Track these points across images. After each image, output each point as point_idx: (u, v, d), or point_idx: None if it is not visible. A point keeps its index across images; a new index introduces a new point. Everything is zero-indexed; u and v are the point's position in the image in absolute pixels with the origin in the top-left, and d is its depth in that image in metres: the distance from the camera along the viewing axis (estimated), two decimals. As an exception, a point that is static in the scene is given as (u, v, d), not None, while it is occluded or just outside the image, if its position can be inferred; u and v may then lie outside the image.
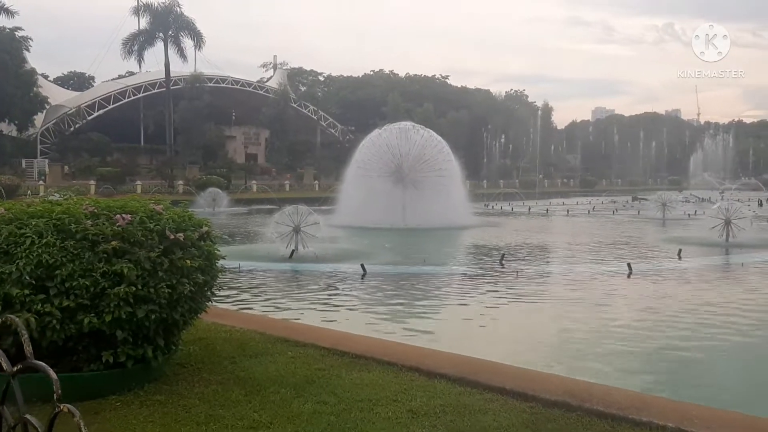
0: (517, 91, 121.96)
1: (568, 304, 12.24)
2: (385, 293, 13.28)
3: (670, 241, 22.73)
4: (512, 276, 15.17)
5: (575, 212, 42.11)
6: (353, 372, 6.11)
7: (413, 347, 7.43)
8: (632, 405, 5.23)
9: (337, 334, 7.91)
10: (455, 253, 21.52)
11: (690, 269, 16.69)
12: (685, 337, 9.76)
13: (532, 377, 6.05)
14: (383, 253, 19.71)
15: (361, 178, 30.79)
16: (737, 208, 22.56)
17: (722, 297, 13.01)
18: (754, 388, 7.62)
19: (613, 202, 52.77)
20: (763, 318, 11.14)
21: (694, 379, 7.87)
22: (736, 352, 9.12)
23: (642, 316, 11.07)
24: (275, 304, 11.92)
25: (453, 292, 13.54)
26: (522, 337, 9.87)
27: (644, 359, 8.64)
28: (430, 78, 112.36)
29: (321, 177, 68.69)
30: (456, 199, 32.03)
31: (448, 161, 31.55)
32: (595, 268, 16.66)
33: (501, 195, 56.47)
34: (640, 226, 31.20)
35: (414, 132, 31.85)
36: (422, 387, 5.73)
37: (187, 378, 5.83)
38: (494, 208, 46.33)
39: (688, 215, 35.56)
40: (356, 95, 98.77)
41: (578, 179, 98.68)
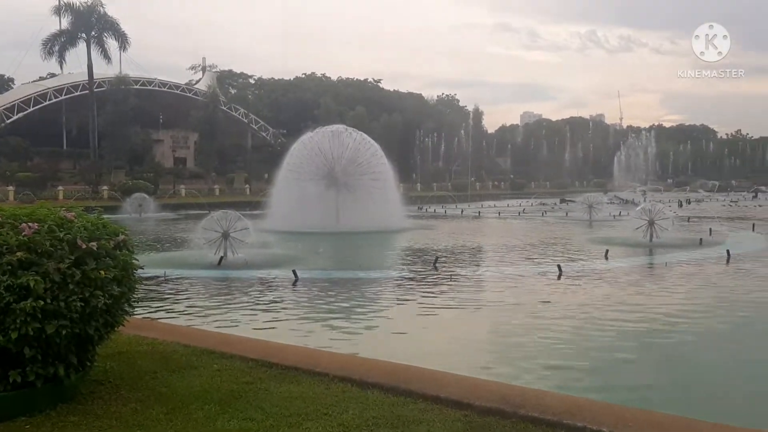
0: (448, 95, 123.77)
1: (501, 307, 12.28)
2: (317, 300, 13.01)
3: (597, 241, 23.31)
4: (446, 279, 15.15)
5: (506, 214, 42.81)
6: (282, 385, 5.88)
7: (345, 356, 7.24)
8: (566, 410, 5.18)
9: (266, 345, 7.63)
10: (389, 257, 21.42)
11: (617, 269, 17.09)
12: (616, 337, 9.91)
13: (467, 384, 5.93)
14: (316, 259, 19.44)
15: (292, 182, 30.41)
16: (660, 209, 23.30)
17: (648, 296, 13.32)
18: (684, 389, 7.76)
19: (542, 205, 53.95)
20: (689, 316, 11.43)
21: (627, 380, 7.95)
22: (666, 351, 9.28)
23: (573, 317, 11.19)
24: (202, 314, 11.48)
25: (387, 297, 13.40)
26: (456, 343, 9.79)
27: (578, 361, 8.69)
28: (363, 81, 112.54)
29: (252, 181, 67.69)
30: (390, 202, 32.04)
31: (382, 164, 31.51)
32: (527, 270, 16.85)
33: (434, 198, 56.92)
34: (569, 228, 31.92)
35: (346, 135, 31.67)
36: (355, 398, 5.54)
37: (103, 396, 5.47)
38: (427, 211, 46.68)
39: (614, 216, 36.69)
40: (288, 98, 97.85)
41: (509, 182, 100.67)
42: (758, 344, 9.84)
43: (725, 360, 8.95)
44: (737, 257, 18.78)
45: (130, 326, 6.28)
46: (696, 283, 15.09)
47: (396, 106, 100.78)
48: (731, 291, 13.97)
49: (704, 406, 6.86)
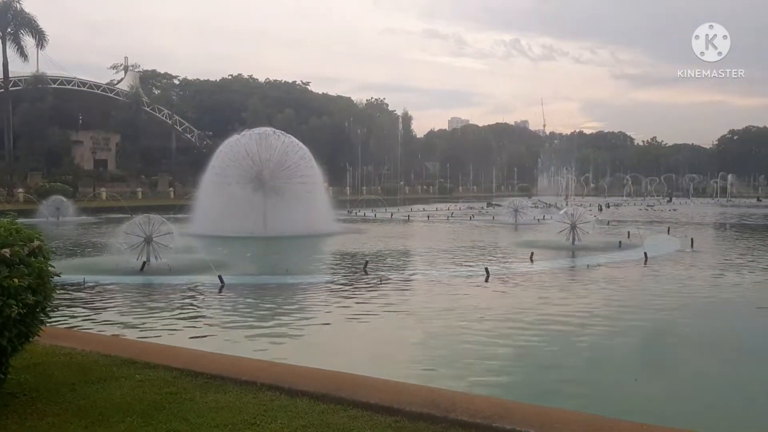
0: (377, 99, 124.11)
1: (430, 311, 12.35)
2: (244, 306, 12.77)
3: (523, 245, 23.84)
4: (376, 283, 15.14)
5: (435, 218, 43.30)
6: (208, 394, 5.72)
7: (273, 363, 7.10)
8: (496, 413, 5.23)
9: (191, 354, 7.41)
10: (319, 262, 21.28)
11: (541, 272, 17.52)
12: (542, 338, 10.12)
13: (396, 389, 5.91)
14: (243, 263, 19.10)
15: (219, 185, 29.79)
16: (581, 213, 24.04)
17: (571, 298, 13.69)
18: (607, 388, 7.99)
19: (470, 208, 54.89)
20: (610, 316, 11.81)
21: (553, 382, 8.12)
22: (589, 351, 9.55)
23: (500, 320, 11.37)
24: (123, 322, 11.07)
25: (316, 302, 13.26)
26: (386, 348, 9.78)
27: (506, 363, 8.82)
28: (291, 84, 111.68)
29: (176, 184, 66.07)
30: (319, 206, 31.89)
31: (311, 168, 31.29)
32: (455, 273, 17.04)
33: (363, 201, 57.00)
34: (495, 231, 32.56)
35: (275, 138, 31.27)
36: (283, 407, 5.44)
37: (18, 410, 5.19)
38: (357, 215, 46.68)
39: (538, 220, 37.69)
40: (214, 100, 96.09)
41: (437, 186, 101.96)
42: (674, 343, 10.24)
43: (644, 359, 9.28)
44: (654, 259, 19.57)
45: (46, 336, 5.99)
46: (615, 284, 15.59)
47: (325, 109, 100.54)
48: (649, 291, 14.49)
49: (626, 405, 7.08)
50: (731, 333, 11.04)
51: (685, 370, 8.69)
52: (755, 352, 9.63)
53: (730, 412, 7.10)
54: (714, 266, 18.88)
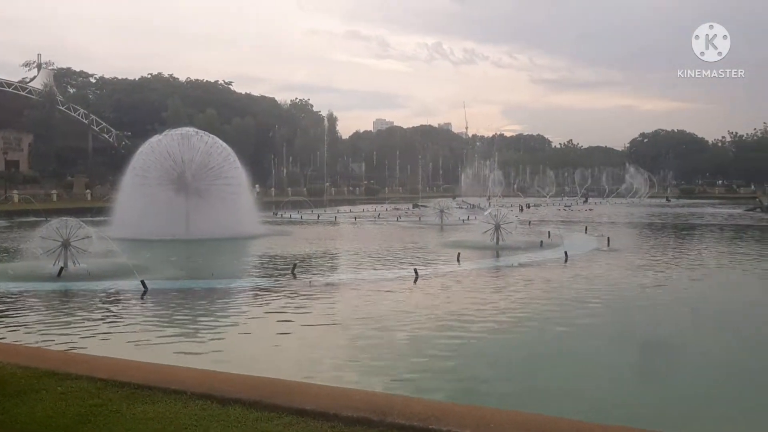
0: (302, 100, 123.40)
1: (360, 313, 12.32)
2: (169, 312, 12.39)
3: (449, 245, 24.17)
4: (305, 286, 15.01)
5: (363, 219, 43.35)
6: (135, 405, 5.53)
7: (203, 371, 6.92)
8: (432, 415, 5.26)
9: (116, 363, 7.14)
10: (245, 265, 20.92)
11: (469, 272, 17.81)
12: (474, 337, 10.27)
13: (332, 394, 5.87)
14: (166, 267, 18.57)
15: (139, 187, 28.83)
16: (504, 213, 24.58)
17: (498, 296, 13.96)
18: (537, 385, 8.19)
19: (396, 210, 55.23)
20: (536, 315, 12.12)
21: (484, 380, 8.25)
22: (522, 348, 9.76)
23: (430, 320, 11.48)
24: (42, 332, 10.54)
25: (244, 306, 13.03)
26: (318, 352, 9.68)
27: (439, 363, 8.90)
28: (213, 83, 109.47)
29: (94, 186, 63.63)
30: (244, 207, 31.32)
31: (235, 169, 30.72)
32: (385, 274, 17.10)
33: (289, 203, 56.46)
34: (422, 232, 32.90)
35: (197, 138, 30.53)
36: (216, 416, 5.31)
37: (-74, 431, 4.85)
38: (283, 217, 46.19)
39: (463, 221, 38.30)
40: (133, 99, 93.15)
41: (363, 187, 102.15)
42: (594, 338, 10.59)
43: (570, 355, 9.56)
44: (573, 257, 20.22)
45: (-44, 349, 5.65)
46: (539, 282, 15.99)
47: (248, 109, 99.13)
48: (571, 288, 14.93)
49: (558, 402, 7.28)
50: (648, 327, 11.54)
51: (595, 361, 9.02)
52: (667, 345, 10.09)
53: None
54: (628, 264, 19.67)
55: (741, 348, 10.14)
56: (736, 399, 7.69)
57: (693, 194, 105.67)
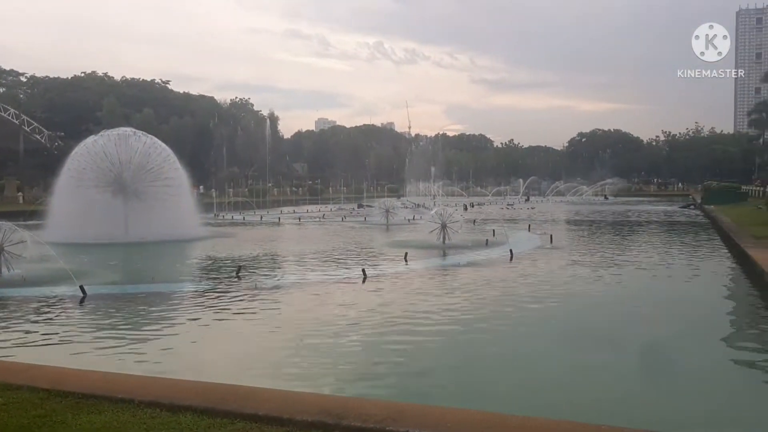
0: (242, 99, 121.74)
1: (310, 314, 12.16)
2: (109, 318, 11.94)
3: (396, 245, 24.21)
4: (251, 289, 14.74)
5: (307, 220, 43.02)
6: (81, 415, 5.31)
7: (150, 378, 6.68)
8: (388, 416, 5.20)
9: (59, 372, 6.83)
10: (188, 268, 20.41)
11: (416, 271, 17.82)
12: (424, 337, 10.24)
13: (286, 399, 5.74)
14: (105, 272, 17.97)
15: (75, 189, 27.86)
16: (450, 213, 24.75)
17: (446, 295, 14.01)
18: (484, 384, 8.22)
19: (341, 210, 55.07)
20: (491, 311, 12.20)
21: (434, 379, 8.24)
22: (469, 347, 9.78)
23: (380, 321, 11.41)
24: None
25: (188, 311, 12.66)
26: (268, 355, 9.50)
27: (391, 364, 8.83)
28: (150, 82, 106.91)
29: (26, 188, 61.30)
30: (184, 209, 30.64)
31: (175, 169, 30.03)
32: (332, 275, 16.94)
33: (231, 204, 55.60)
34: (368, 232, 32.82)
35: (135, 139, 29.70)
36: (165, 424, 5.15)
37: None
38: (225, 218, 45.45)
39: (408, 220, 38.46)
40: (66, 98, 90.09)
41: (306, 187, 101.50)
42: (538, 335, 10.72)
43: (516, 353, 9.65)
44: (519, 255, 20.50)
45: None
46: (487, 280, 16.12)
47: (187, 108, 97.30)
48: (517, 286, 15.11)
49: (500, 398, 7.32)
50: (592, 322, 11.77)
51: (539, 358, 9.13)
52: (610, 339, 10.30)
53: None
54: (571, 260, 20.06)
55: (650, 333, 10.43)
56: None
57: (629, 192, 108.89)
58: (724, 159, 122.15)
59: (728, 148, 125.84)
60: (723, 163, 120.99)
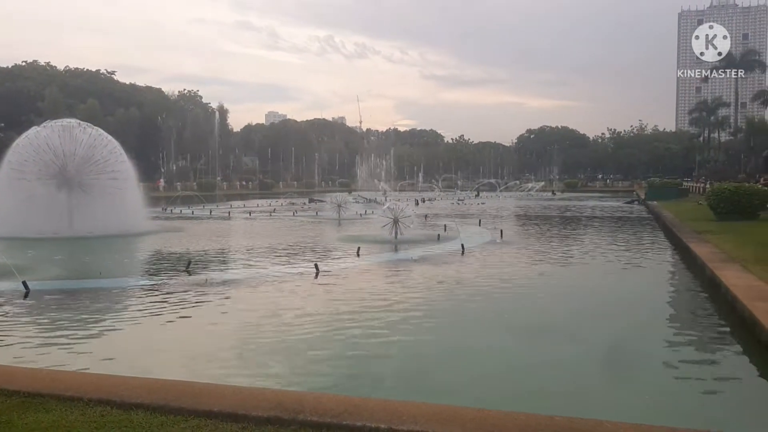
0: (190, 91, 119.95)
1: (262, 309, 12.04)
2: (54, 314, 11.60)
3: (348, 240, 24.20)
4: (200, 284, 14.51)
5: (258, 215, 42.59)
6: (27, 415, 5.16)
7: (98, 375, 6.53)
8: (345, 410, 5.20)
9: (1, 370, 6.59)
10: (135, 263, 19.99)
11: (369, 265, 17.86)
12: (377, 333, 10.27)
13: (240, 395, 5.67)
14: (49, 267, 17.46)
15: (15, 182, 26.97)
16: (402, 207, 24.86)
17: (399, 289, 14.08)
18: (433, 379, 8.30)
19: (292, 204, 54.72)
20: (442, 304, 12.30)
21: (384, 374, 8.27)
22: (419, 344, 9.86)
23: (333, 316, 11.39)
24: None
25: (135, 307, 12.38)
26: (217, 350, 9.37)
27: (344, 359, 8.83)
28: (95, 73, 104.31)
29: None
30: (131, 203, 30.00)
31: (122, 162, 29.35)
32: (284, 270, 16.81)
33: (179, 198, 54.67)
34: (320, 227, 32.71)
35: (80, 130, 28.90)
36: (117, 422, 5.04)
37: None
38: (173, 212, 44.69)
39: (360, 215, 38.48)
40: (5, 88, 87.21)
41: (257, 182, 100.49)
42: (489, 329, 10.89)
43: (474, 348, 9.77)
44: (470, 249, 20.73)
45: None
46: (439, 274, 16.27)
47: (133, 100, 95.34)
48: (468, 280, 15.29)
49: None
50: (544, 315, 12.00)
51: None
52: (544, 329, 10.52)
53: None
54: (521, 255, 20.41)
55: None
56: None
57: (576, 188, 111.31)
58: (666, 156, 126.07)
59: (670, 146, 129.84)
60: (665, 159, 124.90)
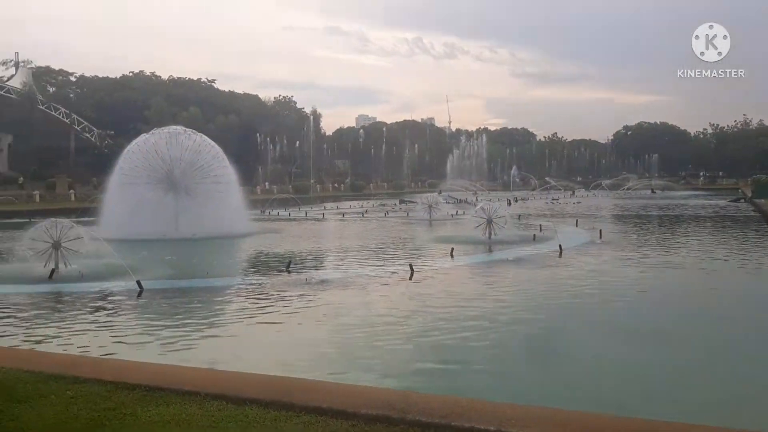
0: (285, 96, 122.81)
1: (361, 309, 12.22)
2: (167, 312, 12.22)
3: (441, 240, 24.14)
4: (301, 283, 14.88)
5: (350, 216, 43.19)
6: (150, 408, 5.40)
7: (213, 371, 6.82)
8: (453, 412, 5.20)
9: (121, 365, 7.03)
10: (238, 263, 20.74)
11: (464, 267, 17.76)
12: (478, 334, 10.20)
13: (349, 392, 5.79)
14: (159, 267, 18.35)
15: (127, 186, 28.51)
16: (496, 208, 24.58)
17: (497, 291, 13.93)
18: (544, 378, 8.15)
19: (383, 205, 55.11)
20: (542, 306, 12.10)
21: (493, 375, 8.20)
22: (530, 343, 9.72)
23: (432, 317, 11.40)
24: (39, 335, 10.35)
25: (242, 304, 12.86)
26: (322, 349, 9.56)
27: (446, 360, 8.82)
28: (196, 81, 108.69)
29: (77, 186, 62.94)
30: (233, 206, 31.06)
31: (224, 167, 30.47)
32: (380, 270, 16.98)
33: (276, 201, 56.16)
34: (412, 227, 32.81)
35: (185, 137, 30.26)
36: (232, 417, 5.22)
37: (-63, 439, 4.70)
38: (271, 214, 45.96)
39: (452, 216, 38.28)
40: (114, 98, 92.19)
41: (348, 184, 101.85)
42: (597, 333, 10.59)
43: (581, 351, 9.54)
44: (568, 250, 20.23)
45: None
46: (536, 275, 15.99)
47: (232, 106, 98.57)
48: (569, 281, 14.93)
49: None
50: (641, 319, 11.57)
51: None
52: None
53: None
54: (623, 256, 19.73)
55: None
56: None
57: (676, 186, 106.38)
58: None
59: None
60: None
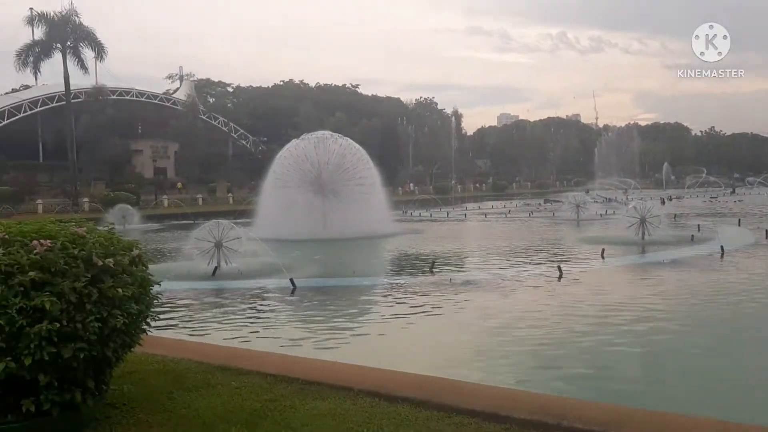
0: (426, 98, 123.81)
1: (509, 310, 12.03)
2: (319, 309, 12.69)
3: (590, 241, 23.27)
4: (445, 283, 14.91)
5: (493, 216, 42.74)
6: (307, 401, 5.59)
7: (367, 368, 6.94)
8: (610, 419, 4.98)
9: (282, 359, 7.34)
10: (383, 263, 21.16)
11: (616, 268, 16.99)
12: (633, 340, 9.72)
13: (501, 395, 5.70)
14: (308, 266, 19.12)
15: (279, 190, 30.06)
16: (649, 207, 23.32)
17: (652, 294, 13.19)
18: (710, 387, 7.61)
19: (526, 205, 54.06)
20: (693, 313, 11.33)
21: (650, 383, 7.78)
22: (679, 351, 9.14)
23: (582, 320, 11.00)
24: (204, 328, 11.13)
25: (390, 303, 13.09)
26: (471, 350, 9.52)
27: (600, 366, 8.48)
28: (341, 87, 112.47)
29: (234, 189, 67.13)
30: (377, 206, 31.80)
31: (368, 169, 31.32)
32: (526, 272, 16.65)
33: (417, 201, 56.77)
34: (558, 228, 31.90)
35: (332, 141, 31.43)
36: (385, 414, 5.28)
37: (121, 421, 5.13)
38: (413, 215, 46.48)
39: (600, 215, 36.81)
40: (267, 106, 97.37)
41: (490, 183, 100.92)
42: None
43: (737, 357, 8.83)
44: (730, 252, 18.79)
45: (135, 343, 5.98)
46: (696, 278, 14.98)
47: (375, 110, 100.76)
48: (734, 286, 13.85)
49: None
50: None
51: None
52: None
53: None
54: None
55: None
56: None
57: None
58: None
59: None
60: None
